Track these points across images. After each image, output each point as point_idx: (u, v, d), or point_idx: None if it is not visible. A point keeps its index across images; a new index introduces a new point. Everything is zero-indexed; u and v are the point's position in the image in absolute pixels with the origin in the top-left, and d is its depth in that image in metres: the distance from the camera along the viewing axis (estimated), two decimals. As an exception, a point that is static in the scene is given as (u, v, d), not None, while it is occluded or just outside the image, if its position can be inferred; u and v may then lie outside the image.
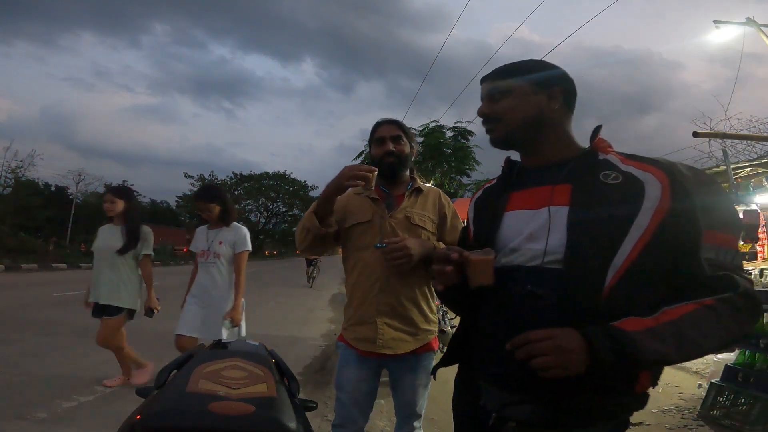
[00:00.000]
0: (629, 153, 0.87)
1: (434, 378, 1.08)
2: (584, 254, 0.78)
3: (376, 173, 1.41)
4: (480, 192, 1.10)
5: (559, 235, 0.80)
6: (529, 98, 0.92)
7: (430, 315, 1.59)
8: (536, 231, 0.84)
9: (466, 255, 0.85)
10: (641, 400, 0.81)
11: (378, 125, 1.66)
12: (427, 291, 1.59)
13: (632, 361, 0.69)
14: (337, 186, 1.41)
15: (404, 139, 1.62)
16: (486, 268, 0.83)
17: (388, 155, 1.59)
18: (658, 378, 0.81)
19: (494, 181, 1.07)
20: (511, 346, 0.74)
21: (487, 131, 0.98)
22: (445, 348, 1.13)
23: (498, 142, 0.97)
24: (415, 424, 1.63)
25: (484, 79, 1.00)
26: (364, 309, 1.53)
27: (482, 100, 0.99)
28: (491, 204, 0.99)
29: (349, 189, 1.50)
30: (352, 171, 1.38)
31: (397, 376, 1.60)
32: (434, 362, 1.59)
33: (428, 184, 1.74)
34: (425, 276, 1.54)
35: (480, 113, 0.98)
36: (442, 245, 1.53)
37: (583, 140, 0.95)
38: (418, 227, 1.55)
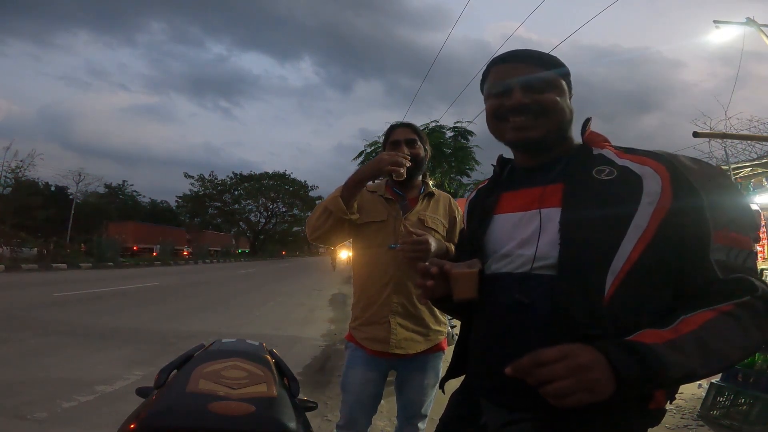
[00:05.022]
0: (628, 147, 0.80)
1: (443, 392, 0.99)
2: (578, 258, 0.71)
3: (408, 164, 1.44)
4: (474, 193, 1.03)
5: (550, 239, 0.74)
6: (566, 98, 0.83)
7: (440, 316, 1.60)
8: (527, 235, 0.78)
9: (447, 268, 0.80)
10: (655, 417, 0.73)
11: (393, 128, 1.66)
12: None
13: (658, 378, 0.60)
14: (378, 170, 1.41)
15: (419, 143, 1.61)
16: (468, 282, 0.78)
17: None
18: (675, 393, 0.75)
19: (488, 182, 1.00)
20: (514, 370, 0.62)
21: (520, 128, 0.81)
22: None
23: (534, 142, 0.82)
24: (420, 425, 1.61)
25: (513, 59, 0.84)
26: (376, 309, 1.53)
27: (505, 88, 0.83)
28: (481, 206, 0.92)
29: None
30: (393, 157, 1.39)
31: (405, 376, 1.59)
32: (442, 363, 1.60)
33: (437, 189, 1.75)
34: None
35: (518, 103, 0.80)
36: (452, 247, 1.52)
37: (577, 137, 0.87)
38: (431, 230, 1.55)
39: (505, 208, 0.86)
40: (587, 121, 0.85)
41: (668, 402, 0.74)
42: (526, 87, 0.81)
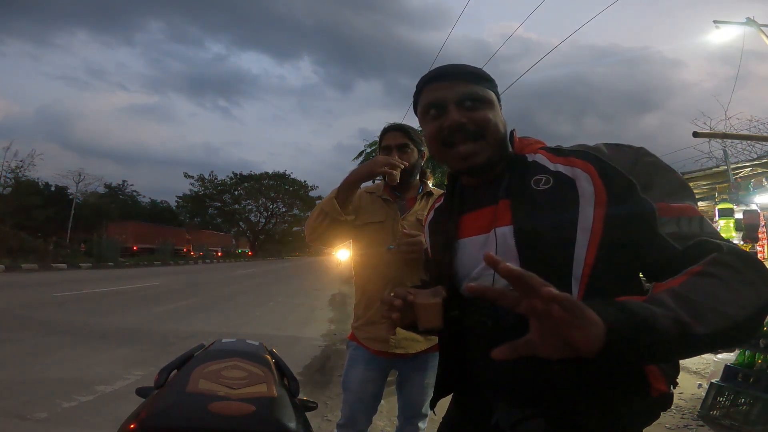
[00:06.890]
0: (556, 147, 0.82)
1: (434, 413, 0.99)
2: (539, 271, 0.68)
3: (402, 167, 1.48)
4: (432, 214, 1.03)
5: (511, 256, 0.75)
6: (498, 112, 0.83)
7: None
8: None
9: (411, 299, 0.79)
10: (661, 403, 0.73)
11: (384, 132, 1.65)
12: None
13: (647, 327, 0.51)
14: (371, 171, 1.46)
15: (411, 147, 1.60)
16: (433, 312, 0.79)
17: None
18: (675, 376, 0.74)
19: (442, 200, 1.00)
20: (499, 353, 0.56)
21: (465, 156, 0.81)
22: None
23: (480, 167, 0.82)
24: (420, 424, 1.63)
25: (444, 77, 0.84)
26: (377, 309, 1.53)
27: (440, 106, 0.82)
28: (442, 229, 0.92)
29: (361, 186, 1.55)
30: (387, 160, 1.44)
31: (406, 375, 1.60)
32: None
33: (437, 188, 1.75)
34: None
35: (455, 123, 0.80)
36: None
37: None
38: None
39: (467, 232, 0.86)
40: (512, 133, 0.87)
41: (672, 386, 0.73)
42: (460, 104, 0.81)
